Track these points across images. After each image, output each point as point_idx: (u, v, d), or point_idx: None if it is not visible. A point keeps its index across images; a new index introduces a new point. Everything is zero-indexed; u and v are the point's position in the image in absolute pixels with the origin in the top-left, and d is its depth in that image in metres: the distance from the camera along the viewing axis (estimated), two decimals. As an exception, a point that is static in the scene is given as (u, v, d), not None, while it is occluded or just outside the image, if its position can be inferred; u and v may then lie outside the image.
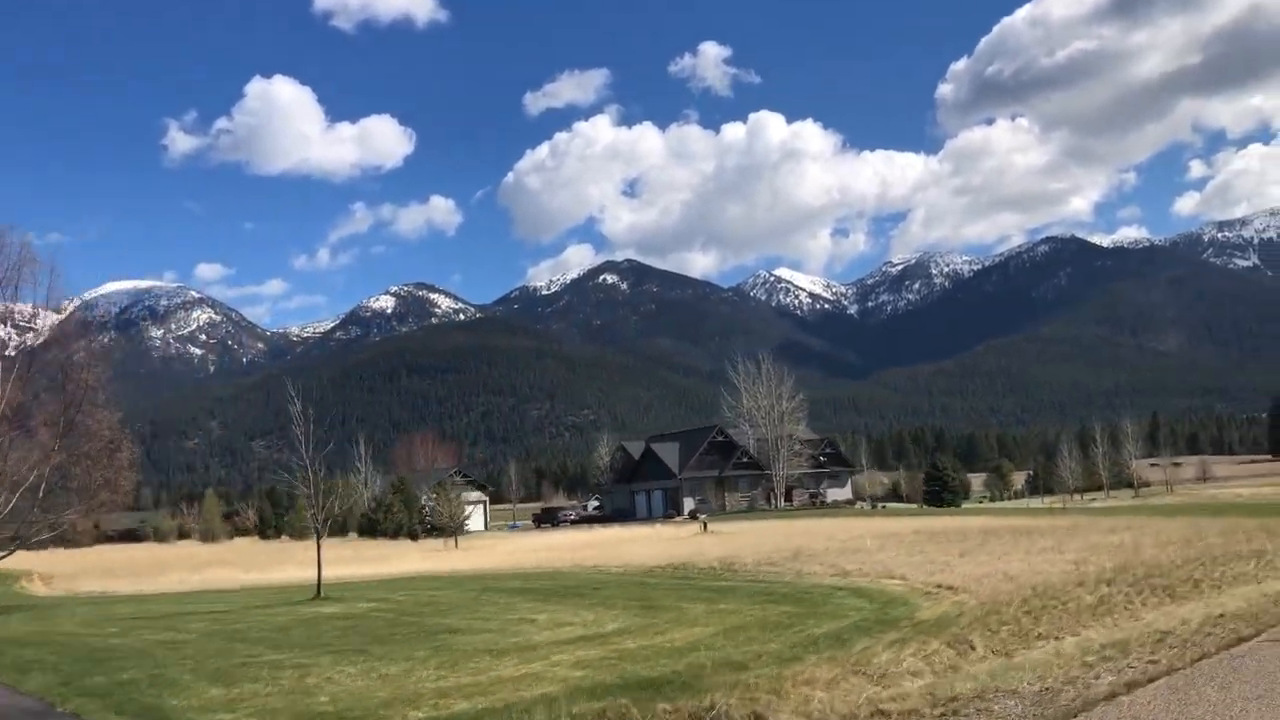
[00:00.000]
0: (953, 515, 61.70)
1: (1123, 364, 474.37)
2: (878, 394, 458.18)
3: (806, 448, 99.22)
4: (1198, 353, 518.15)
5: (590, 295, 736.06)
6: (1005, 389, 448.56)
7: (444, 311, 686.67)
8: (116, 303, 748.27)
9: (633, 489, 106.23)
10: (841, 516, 68.30)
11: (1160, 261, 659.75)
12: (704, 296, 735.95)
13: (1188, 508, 67.14)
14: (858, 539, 35.92)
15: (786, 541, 37.00)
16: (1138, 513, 51.02)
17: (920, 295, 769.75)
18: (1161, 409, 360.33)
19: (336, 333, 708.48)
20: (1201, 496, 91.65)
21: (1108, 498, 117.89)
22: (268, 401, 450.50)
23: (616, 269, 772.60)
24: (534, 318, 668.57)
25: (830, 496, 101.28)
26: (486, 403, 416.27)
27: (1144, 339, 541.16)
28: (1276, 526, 28.61)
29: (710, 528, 58.63)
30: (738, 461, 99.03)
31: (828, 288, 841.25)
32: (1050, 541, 28.89)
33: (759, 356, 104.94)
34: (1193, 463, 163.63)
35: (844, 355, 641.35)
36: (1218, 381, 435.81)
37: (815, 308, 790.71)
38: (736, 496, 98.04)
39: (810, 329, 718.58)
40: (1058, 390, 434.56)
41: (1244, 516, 39.63)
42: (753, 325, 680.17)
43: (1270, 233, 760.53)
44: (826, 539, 37.46)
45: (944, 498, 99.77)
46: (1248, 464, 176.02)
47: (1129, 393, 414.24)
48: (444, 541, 64.22)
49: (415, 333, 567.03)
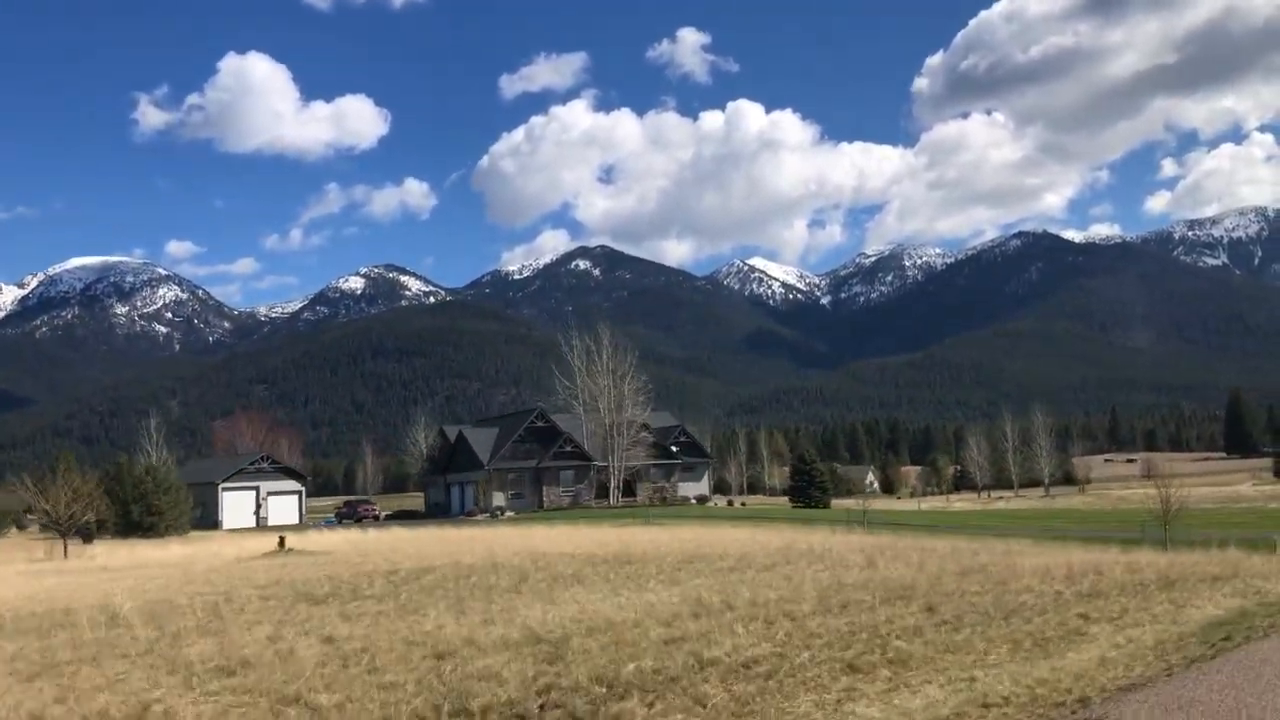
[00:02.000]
0: (699, 523, 51.15)
1: (1091, 359, 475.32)
2: (846, 385, 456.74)
3: (651, 435, 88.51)
4: (1166, 349, 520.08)
5: (562, 281, 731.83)
6: (973, 382, 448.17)
7: (414, 294, 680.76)
8: (82, 279, 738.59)
9: (448, 481, 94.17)
10: (580, 522, 57.11)
11: (1131, 258, 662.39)
12: (677, 284, 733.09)
13: (1024, 514, 64.57)
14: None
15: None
16: (958, 524, 48.77)
17: (893, 287, 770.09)
18: (1129, 405, 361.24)
19: (304, 313, 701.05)
20: (1109, 499, 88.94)
21: (1015, 496, 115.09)
22: (230, 381, 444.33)
23: (590, 255, 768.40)
24: (505, 302, 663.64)
25: (684, 491, 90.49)
26: (451, 386, 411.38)
27: (1113, 335, 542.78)
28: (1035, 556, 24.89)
29: (304, 540, 45.66)
30: (560, 451, 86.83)
31: (801, 278, 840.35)
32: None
33: (597, 328, 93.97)
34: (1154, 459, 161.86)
35: (815, 345, 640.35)
36: (1184, 379, 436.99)
37: (788, 298, 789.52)
38: (557, 491, 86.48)
39: (782, 319, 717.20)
40: (1025, 384, 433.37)
41: (1072, 530, 38.20)
42: (725, 314, 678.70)
43: (1239, 232, 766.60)
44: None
45: (811, 495, 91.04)
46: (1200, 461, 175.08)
47: (1096, 388, 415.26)
48: (47, 550, 47.78)
49: (382, 315, 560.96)
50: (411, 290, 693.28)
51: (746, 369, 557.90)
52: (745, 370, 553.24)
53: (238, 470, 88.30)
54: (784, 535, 36.68)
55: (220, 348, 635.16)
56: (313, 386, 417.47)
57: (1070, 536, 36.71)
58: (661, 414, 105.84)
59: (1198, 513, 60.53)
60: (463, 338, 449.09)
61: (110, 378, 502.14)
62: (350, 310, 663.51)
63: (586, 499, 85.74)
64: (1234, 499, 75.25)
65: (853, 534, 37.67)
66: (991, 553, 25.34)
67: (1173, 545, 27.72)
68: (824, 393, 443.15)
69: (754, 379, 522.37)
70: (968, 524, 51.71)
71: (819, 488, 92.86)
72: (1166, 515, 30.39)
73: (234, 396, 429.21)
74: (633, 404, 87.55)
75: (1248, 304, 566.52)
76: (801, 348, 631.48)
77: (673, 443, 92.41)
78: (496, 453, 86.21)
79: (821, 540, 32.14)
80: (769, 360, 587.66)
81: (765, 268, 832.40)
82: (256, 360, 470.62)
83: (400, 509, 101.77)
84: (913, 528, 45.61)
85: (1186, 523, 32.49)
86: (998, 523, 51.91)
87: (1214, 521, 45.71)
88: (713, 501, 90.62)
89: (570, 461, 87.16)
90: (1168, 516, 30.39)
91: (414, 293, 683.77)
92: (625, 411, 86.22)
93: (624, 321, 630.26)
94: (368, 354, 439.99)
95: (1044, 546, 28.81)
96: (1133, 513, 50.58)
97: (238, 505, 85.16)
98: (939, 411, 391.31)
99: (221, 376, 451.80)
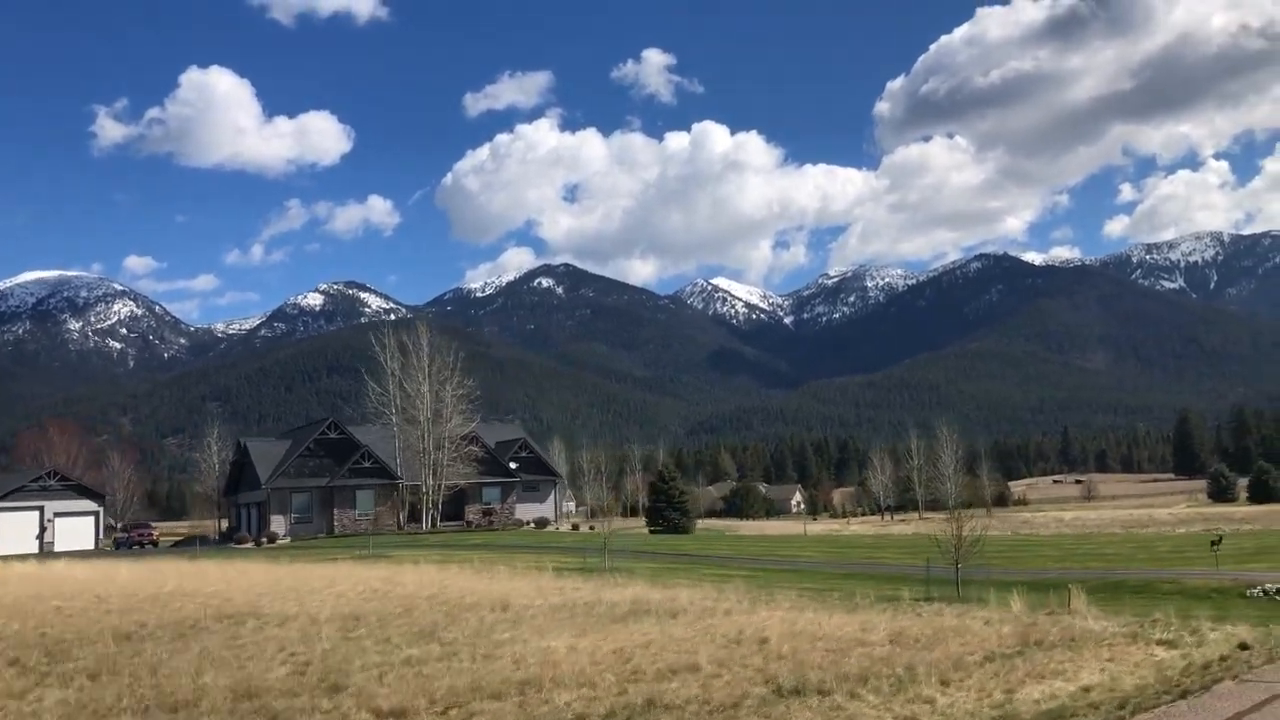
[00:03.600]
0: (393, 561, 40.29)
1: (1049, 380, 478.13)
2: (806, 404, 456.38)
3: (481, 449, 79.65)
4: (1123, 371, 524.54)
5: (525, 299, 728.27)
6: (932, 403, 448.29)
7: (374, 311, 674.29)
8: (35, 293, 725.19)
9: (238, 502, 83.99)
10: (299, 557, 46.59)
11: (1089, 281, 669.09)
12: (640, 303, 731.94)
13: (861, 542, 60.78)
14: None
15: None
16: (758, 554, 45.23)
17: (855, 308, 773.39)
18: (1085, 426, 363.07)
19: (262, 330, 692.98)
20: (1013, 521, 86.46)
21: (919, 519, 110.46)
22: (182, 398, 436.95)
23: (552, 273, 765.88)
24: (466, 320, 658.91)
25: (525, 514, 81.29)
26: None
27: (1070, 356, 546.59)
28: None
29: None
30: (357, 467, 76.02)
31: (764, 298, 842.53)
32: None
33: (415, 328, 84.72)
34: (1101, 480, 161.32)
35: (777, 365, 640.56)
36: (1141, 400, 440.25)
37: (751, 317, 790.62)
38: (352, 515, 75.68)
39: (745, 338, 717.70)
40: (983, 405, 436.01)
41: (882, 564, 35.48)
42: (688, 333, 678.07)
43: (1196, 256, 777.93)
44: None
45: (669, 517, 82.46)
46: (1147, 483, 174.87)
47: (1054, 409, 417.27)
48: None
49: (340, 331, 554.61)
50: (371, 307, 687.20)
51: (709, 388, 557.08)
52: (708, 389, 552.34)
53: (16, 488, 76.71)
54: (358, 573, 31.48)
55: (176, 364, 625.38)
56: (267, 404, 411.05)
57: (859, 575, 33.64)
58: (509, 425, 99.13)
59: (1055, 539, 56.79)
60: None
61: (61, 394, 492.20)
62: (308, 327, 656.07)
63: (389, 523, 76.24)
64: (1144, 523, 73.52)
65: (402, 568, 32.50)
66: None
67: (970, 587, 24.95)
68: (784, 412, 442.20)
69: (716, 398, 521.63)
70: (775, 553, 48.39)
71: (678, 508, 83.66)
72: (959, 553, 26.31)
73: (186, 414, 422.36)
74: (455, 412, 77.88)
75: (1204, 327, 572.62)
76: (764, 367, 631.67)
77: (512, 458, 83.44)
78: (279, 469, 75.18)
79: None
80: (731, 380, 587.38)
81: (729, 287, 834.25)
82: (210, 377, 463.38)
83: (201, 534, 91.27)
84: (631, 555, 40.29)
85: (1043, 555, 31.02)
86: (811, 553, 48.20)
87: (1072, 554, 44.04)
88: (555, 525, 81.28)
89: (370, 480, 76.78)
90: (959, 553, 26.33)
91: (374, 309, 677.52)
92: (448, 421, 76.72)
93: (586, 339, 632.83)
94: (324, 371, 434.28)
95: (752, 592, 23.75)
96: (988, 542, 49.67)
97: (13, 528, 73.57)
98: (898, 432, 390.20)
99: (174, 394, 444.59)
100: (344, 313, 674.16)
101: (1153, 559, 39.11)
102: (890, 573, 34.70)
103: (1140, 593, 26.50)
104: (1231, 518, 74.62)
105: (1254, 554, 39.34)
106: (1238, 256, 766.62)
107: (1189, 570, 31.91)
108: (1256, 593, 26.97)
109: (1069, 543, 51.61)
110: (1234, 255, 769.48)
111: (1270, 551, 40.99)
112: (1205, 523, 68.88)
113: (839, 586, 27.33)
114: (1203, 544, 39.59)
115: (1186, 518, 79.16)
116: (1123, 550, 45.61)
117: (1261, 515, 79.38)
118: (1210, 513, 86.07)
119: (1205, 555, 34.87)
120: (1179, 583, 28.05)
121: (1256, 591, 26.91)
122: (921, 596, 22.86)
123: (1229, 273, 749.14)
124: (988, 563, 34.25)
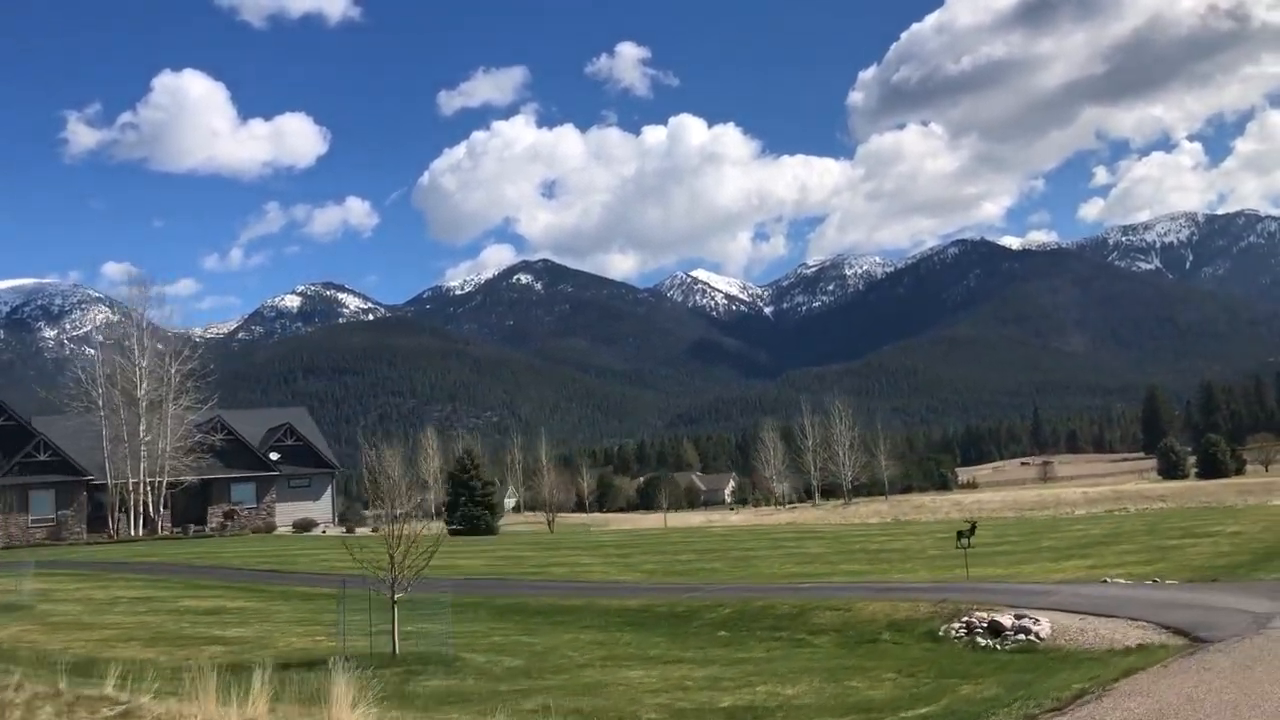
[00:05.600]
0: None
1: (1026, 364, 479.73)
2: (785, 394, 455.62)
3: (221, 440, 67.92)
4: (1100, 352, 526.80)
5: (503, 295, 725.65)
6: (911, 389, 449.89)
7: (352, 311, 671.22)
8: (8, 302, 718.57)
9: None
10: None
11: (1066, 264, 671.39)
12: (619, 297, 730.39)
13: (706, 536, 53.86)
14: None
15: None
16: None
17: (834, 297, 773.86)
18: (1064, 407, 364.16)
19: (239, 333, 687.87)
20: (903, 508, 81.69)
21: (813, 506, 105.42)
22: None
23: (531, 269, 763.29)
24: (445, 318, 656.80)
25: (288, 515, 68.87)
26: (384, 404, 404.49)
27: (1049, 339, 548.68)
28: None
29: None
30: (32, 460, 62.97)
31: (744, 289, 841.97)
32: None
33: (147, 283, 74.50)
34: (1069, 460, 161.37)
35: (757, 356, 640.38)
36: (1119, 381, 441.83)
37: (731, 309, 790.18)
38: (23, 521, 62.98)
39: (725, 329, 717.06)
40: (962, 390, 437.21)
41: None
42: (667, 326, 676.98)
43: (1171, 237, 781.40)
44: None
45: (471, 515, 69.74)
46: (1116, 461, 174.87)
47: (1032, 392, 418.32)
48: None
49: (316, 333, 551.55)
50: (350, 308, 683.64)
51: (689, 380, 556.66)
52: (688, 381, 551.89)
53: None
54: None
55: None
56: (241, 406, 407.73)
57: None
58: (292, 411, 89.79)
59: (862, 534, 48.38)
60: (396, 354, 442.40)
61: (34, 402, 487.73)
62: (286, 329, 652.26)
63: (77, 529, 63.68)
64: (1048, 505, 70.49)
65: None
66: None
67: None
68: (763, 402, 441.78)
69: (696, 390, 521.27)
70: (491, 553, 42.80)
71: (480, 503, 70.41)
72: (396, 573, 17.87)
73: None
74: (177, 393, 66.60)
75: (1180, 306, 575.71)
76: (744, 358, 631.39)
77: (273, 448, 71.85)
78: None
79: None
80: (711, 371, 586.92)
81: (708, 279, 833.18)
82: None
83: None
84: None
85: (804, 554, 26.39)
86: (568, 555, 42.42)
87: (846, 551, 37.43)
88: (322, 528, 68.54)
89: (51, 477, 63.85)
90: (397, 573, 17.85)
91: (352, 310, 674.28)
92: (170, 403, 65.93)
93: (566, 335, 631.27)
94: (299, 373, 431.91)
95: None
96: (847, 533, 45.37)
97: None
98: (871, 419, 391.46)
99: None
100: (322, 314, 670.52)
101: (924, 560, 32.56)
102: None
103: (777, 629, 19.96)
104: (1149, 495, 72.55)
105: (1055, 551, 32.96)
106: (1212, 236, 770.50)
107: (913, 584, 24.79)
108: (956, 630, 17.81)
109: (874, 539, 43.55)
110: (1208, 235, 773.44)
111: (1087, 548, 33.78)
112: (1113, 502, 66.98)
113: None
114: (1040, 532, 37.68)
115: (1096, 498, 74.66)
116: (914, 546, 38.60)
117: (1179, 492, 75.08)
118: (1130, 490, 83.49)
119: (999, 549, 30.80)
120: (852, 611, 20.22)
121: (956, 629, 17.88)
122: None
123: (1204, 252, 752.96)
124: (714, 575, 30.89)
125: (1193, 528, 37.96)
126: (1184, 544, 32.68)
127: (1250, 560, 27.50)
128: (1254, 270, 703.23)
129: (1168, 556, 29.68)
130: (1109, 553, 32.03)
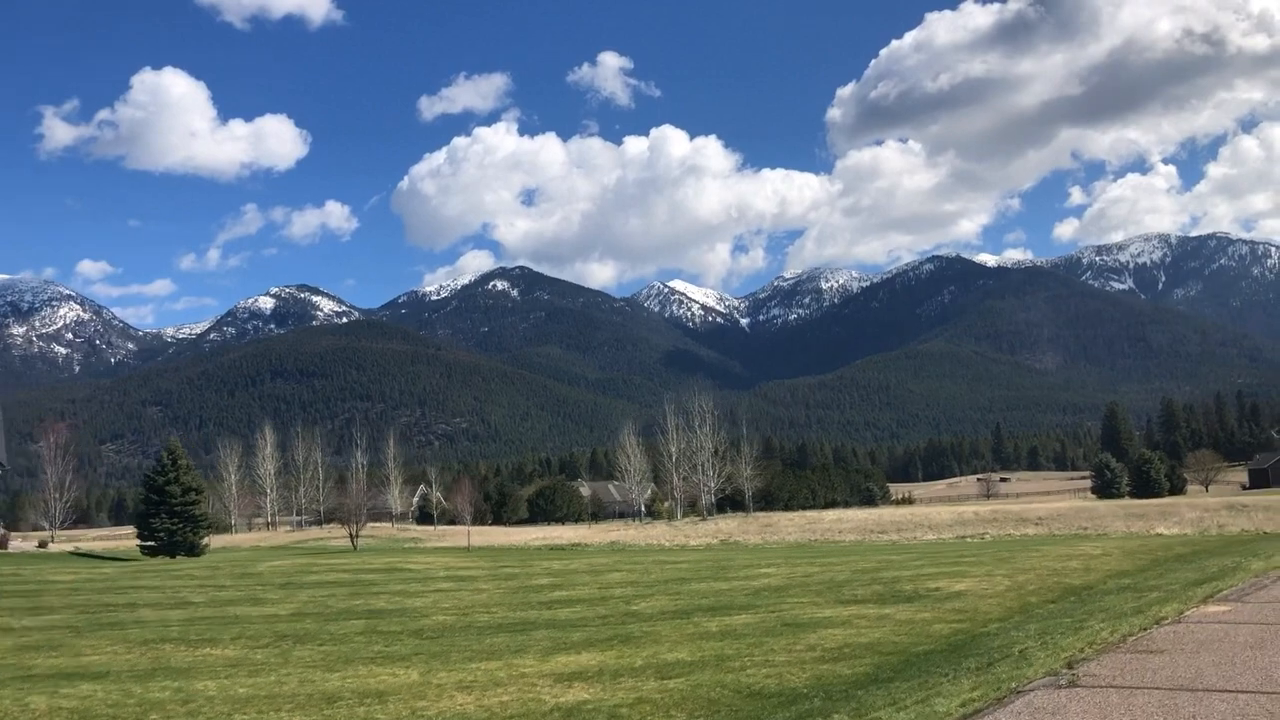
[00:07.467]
0: None
1: (998, 380, 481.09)
2: (757, 405, 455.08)
3: None
4: (1071, 370, 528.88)
5: (479, 301, 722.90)
6: (882, 403, 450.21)
7: (326, 314, 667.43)
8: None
9: None
10: None
11: (1040, 282, 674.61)
12: (595, 305, 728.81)
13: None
14: None
15: None
16: None
17: (810, 310, 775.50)
18: (1033, 424, 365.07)
19: (211, 334, 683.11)
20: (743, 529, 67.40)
21: (640, 524, 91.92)
22: (122, 404, 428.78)
23: (508, 276, 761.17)
24: (420, 323, 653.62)
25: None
26: (352, 408, 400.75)
27: (1021, 356, 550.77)
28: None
29: None
30: None
31: (721, 300, 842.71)
32: None
33: None
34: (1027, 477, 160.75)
35: (732, 367, 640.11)
36: (1090, 399, 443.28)
37: (707, 320, 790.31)
38: None
39: (701, 339, 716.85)
40: (933, 405, 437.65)
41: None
42: (643, 335, 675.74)
43: (1144, 258, 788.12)
44: None
45: (168, 529, 54.50)
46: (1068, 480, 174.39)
47: (1002, 408, 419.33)
48: None
49: (287, 335, 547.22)
50: (324, 311, 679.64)
51: (662, 390, 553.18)
52: (661, 391, 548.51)
53: None
54: None
55: (123, 369, 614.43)
56: (208, 408, 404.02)
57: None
58: None
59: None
60: (366, 358, 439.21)
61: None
62: (258, 331, 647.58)
63: None
64: (910, 526, 60.02)
65: None
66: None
67: None
68: (735, 414, 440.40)
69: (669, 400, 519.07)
70: None
71: (179, 515, 54.62)
72: None
73: (125, 419, 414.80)
74: None
75: (1151, 326, 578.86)
76: (719, 369, 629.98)
77: None
78: None
79: None
80: (685, 381, 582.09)
81: (685, 290, 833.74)
82: (151, 381, 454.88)
83: None
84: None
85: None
86: None
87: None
88: (29, 543, 54.57)
89: None
90: None
91: (326, 313, 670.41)
92: None
93: (540, 342, 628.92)
94: (267, 375, 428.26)
95: None
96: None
97: None
98: (848, 432, 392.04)
99: (114, 398, 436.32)
100: (295, 316, 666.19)
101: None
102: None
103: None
104: (1027, 518, 61.85)
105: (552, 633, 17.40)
106: (1185, 258, 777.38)
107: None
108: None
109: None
110: (1181, 257, 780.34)
111: (646, 620, 18.56)
112: (988, 524, 58.19)
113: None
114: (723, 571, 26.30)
115: (969, 518, 65.45)
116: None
117: (1072, 513, 64.50)
118: (1018, 510, 72.29)
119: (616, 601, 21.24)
120: None
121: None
122: None
123: (1177, 274, 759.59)
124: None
125: (937, 574, 25.01)
126: (830, 624, 17.16)
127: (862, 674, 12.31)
128: (1224, 293, 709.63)
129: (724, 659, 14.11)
130: (643, 633, 17.08)
